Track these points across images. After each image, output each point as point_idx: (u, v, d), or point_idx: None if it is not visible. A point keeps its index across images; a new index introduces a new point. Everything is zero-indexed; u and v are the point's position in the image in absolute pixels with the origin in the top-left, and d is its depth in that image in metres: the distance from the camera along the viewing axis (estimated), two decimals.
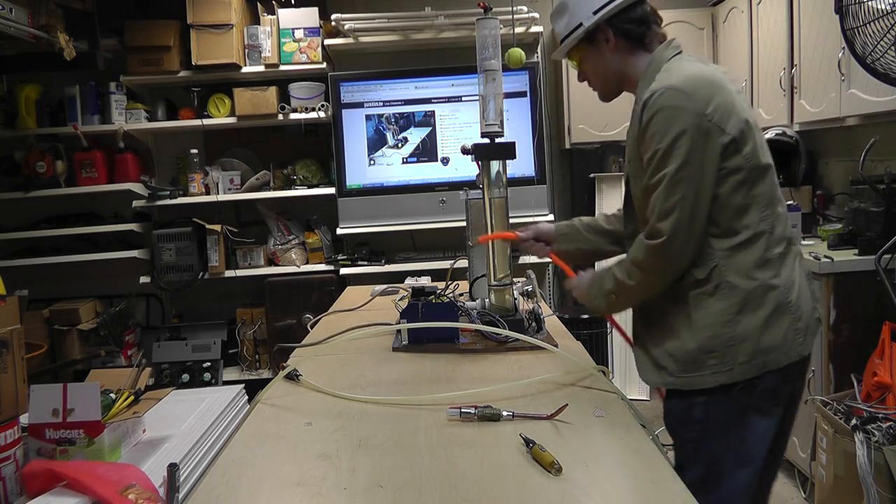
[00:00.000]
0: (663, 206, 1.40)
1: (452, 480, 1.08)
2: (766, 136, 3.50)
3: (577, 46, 1.58)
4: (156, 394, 1.54)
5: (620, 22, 1.52)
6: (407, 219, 3.85)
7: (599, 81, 1.63)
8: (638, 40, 1.54)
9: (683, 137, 1.37)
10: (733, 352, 1.43)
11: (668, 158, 1.39)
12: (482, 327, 1.75)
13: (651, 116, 1.40)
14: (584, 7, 1.54)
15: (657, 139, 1.40)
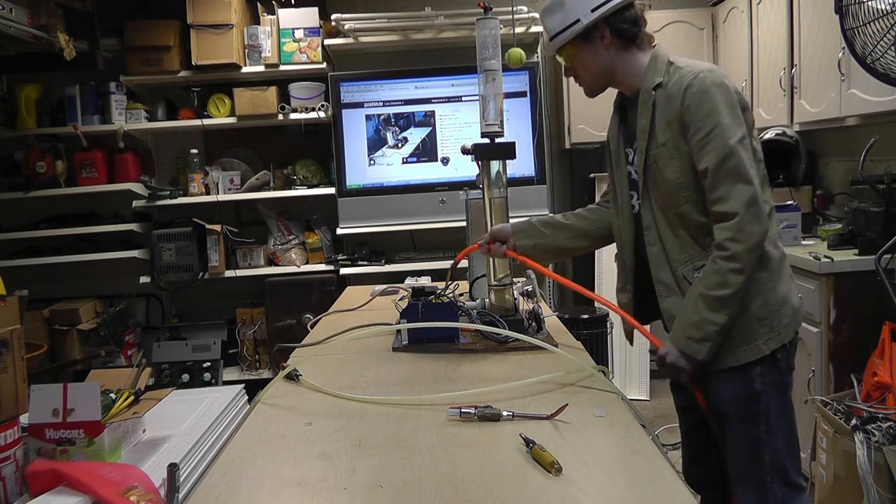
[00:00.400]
0: (739, 174, 1.46)
1: (452, 480, 1.08)
2: (766, 136, 3.52)
3: (571, 42, 1.62)
4: (156, 394, 1.54)
5: (617, 21, 1.58)
6: (407, 219, 3.85)
7: (589, 77, 1.67)
8: (631, 40, 1.60)
9: (737, 110, 1.49)
10: (779, 316, 1.54)
11: (731, 129, 1.47)
12: (482, 327, 1.75)
13: (702, 95, 1.48)
14: (582, 4, 1.58)
15: (714, 115, 1.47)
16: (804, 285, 2.61)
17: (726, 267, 1.46)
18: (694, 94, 1.49)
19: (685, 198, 1.54)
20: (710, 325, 1.49)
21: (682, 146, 1.52)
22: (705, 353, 1.50)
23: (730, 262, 1.46)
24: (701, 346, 1.50)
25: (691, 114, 1.49)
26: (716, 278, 1.48)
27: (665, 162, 1.55)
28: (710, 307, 1.48)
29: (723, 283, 1.47)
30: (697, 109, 1.48)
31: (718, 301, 1.48)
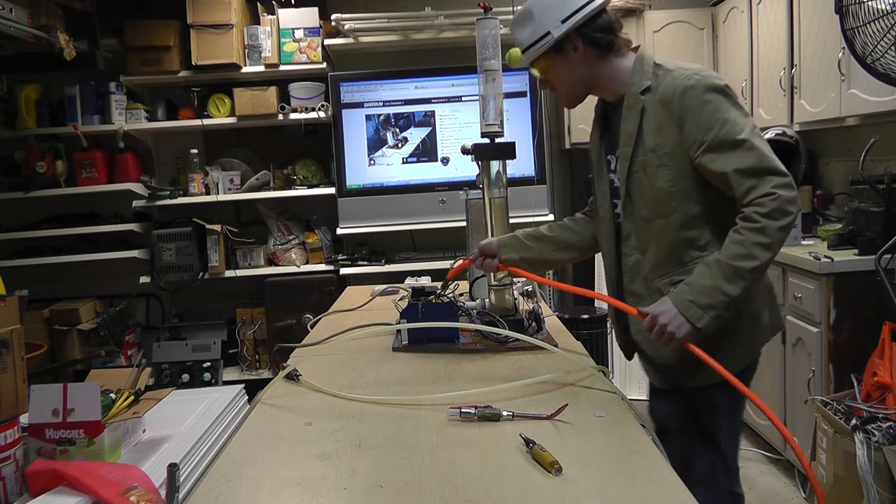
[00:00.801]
0: (762, 163, 1.39)
1: (452, 480, 1.08)
2: (766, 136, 3.52)
3: (544, 55, 1.57)
4: (156, 394, 1.54)
5: (589, 31, 1.53)
6: (407, 219, 3.85)
7: (566, 88, 1.62)
8: (607, 47, 1.55)
9: (739, 103, 1.45)
10: (747, 334, 1.51)
11: (741, 122, 1.41)
12: (482, 327, 1.75)
13: (703, 95, 1.43)
14: (552, 15, 1.52)
15: (720, 112, 1.42)
16: (804, 285, 2.61)
17: (753, 239, 1.36)
18: (694, 96, 1.43)
19: (674, 208, 1.48)
20: (722, 295, 1.38)
21: (676, 153, 1.46)
22: (707, 321, 1.39)
23: (758, 234, 1.36)
24: (706, 313, 1.39)
25: (694, 116, 1.43)
26: (738, 249, 1.38)
27: (655, 170, 1.48)
28: (727, 276, 1.38)
29: (747, 255, 1.37)
30: (701, 111, 1.42)
31: (736, 272, 1.37)
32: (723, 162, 1.40)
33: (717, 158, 1.41)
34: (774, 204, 1.35)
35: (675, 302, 1.42)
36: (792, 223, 1.38)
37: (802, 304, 2.63)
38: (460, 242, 2.51)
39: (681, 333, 1.41)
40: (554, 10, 1.52)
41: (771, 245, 1.36)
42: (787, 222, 1.37)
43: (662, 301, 1.45)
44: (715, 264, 1.40)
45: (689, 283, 1.42)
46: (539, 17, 1.54)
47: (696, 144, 1.44)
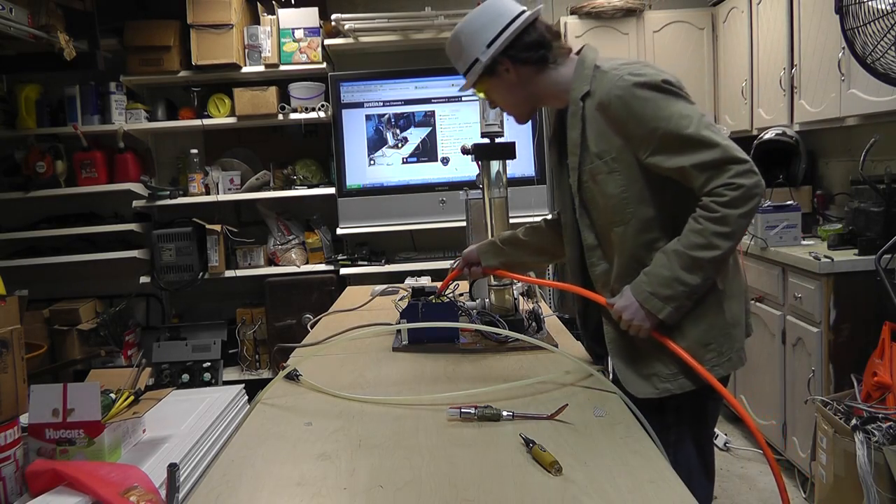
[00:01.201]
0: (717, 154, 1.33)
1: (452, 480, 1.08)
2: (766, 136, 3.50)
3: (480, 79, 1.55)
4: (156, 394, 1.54)
5: (516, 51, 1.49)
6: (407, 219, 3.85)
7: (510, 108, 1.61)
8: (541, 62, 1.50)
9: (678, 93, 1.39)
10: (729, 339, 1.44)
11: (683, 116, 1.36)
12: (482, 327, 1.75)
13: (638, 92, 1.37)
14: (477, 42, 1.51)
15: (659, 111, 1.36)
16: (804, 285, 2.61)
17: (712, 229, 1.33)
18: (629, 97, 1.37)
19: (630, 213, 1.42)
20: (682, 286, 1.35)
21: (625, 156, 1.41)
22: (668, 312, 1.37)
23: (718, 224, 1.32)
24: (666, 304, 1.36)
25: (634, 118, 1.38)
26: (697, 239, 1.34)
27: (604, 177, 1.43)
28: (686, 267, 1.34)
29: (705, 245, 1.33)
30: (641, 111, 1.37)
31: (696, 262, 1.34)
32: (676, 159, 1.36)
33: (669, 157, 1.37)
34: (735, 193, 1.31)
35: (636, 294, 1.40)
36: (756, 208, 1.34)
37: (802, 304, 2.63)
38: (460, 242, 2.51)
39: (643, 325, 1.40)
40: (478, 35, 1.50)
41: (732, 234, 1.33)
42: (749, 208, 1.32)
43: (624, 293, 1.43)
44: (674, 254, 1.36)
45: (648, 272, 1.39)
46: (466, 44, 1.53)
47: (642, 146, 1.39)
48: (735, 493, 2.80)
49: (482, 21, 1.51)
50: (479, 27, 1.51)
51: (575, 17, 3.99)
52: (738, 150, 1.34)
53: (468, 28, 1.53)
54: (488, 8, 1.52)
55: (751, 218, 1.34)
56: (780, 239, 2.87)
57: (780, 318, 2.81)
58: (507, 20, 1.49)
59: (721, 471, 2.94)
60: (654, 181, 1.42)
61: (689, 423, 1.48)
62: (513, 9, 1.51)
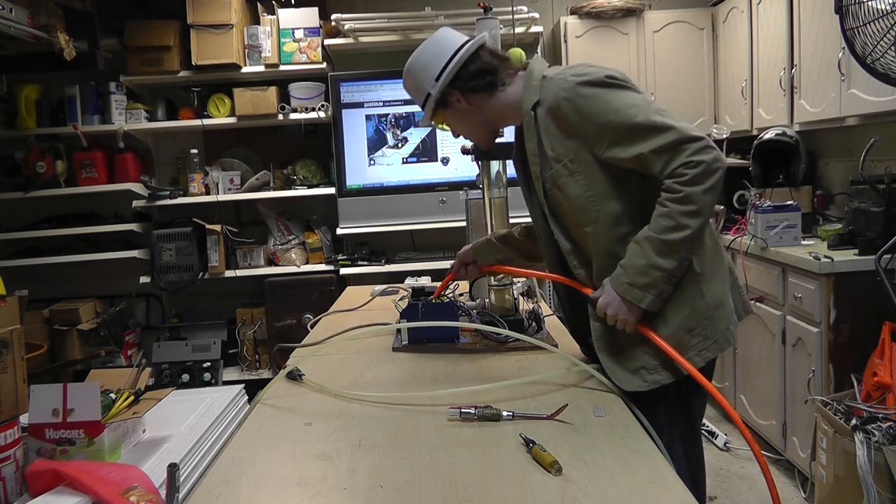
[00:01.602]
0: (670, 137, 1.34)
1: (452, 480, 1.08)
2: (766, 136, 3.50)
3: (436, 112, 1.59)
4: (156, 394, 1.54)
5: (463, 82, 1.53)
6: (407, 219, 3.85)
7: (470, 135, 1.65)
8: (489, 87, 1.54)
9: (623, 85, 1.41)
10: (713, 322, 1.43)
11: (630, 106, 1.38)
12: (482, 327, 1.75)
13: (582, 91, 1.40)
14: (426, 76, 1.56)
15: (606, 105, 1.39)
16: (804, 285, 2.61)
17: (678, 209, 1.33)
18: (574, 98, 1.40)
19: (597, 211, 1.43)
20: (658, 272, 1.35)
21: (582, 156, 1.43)
22: (650, 301, 1.37)
23: (683, 203, 1.33)
24: (645, 293, 1.37)
25: (583, 117, 1.40)
26: (665, 222, 1.34)
27: (566, 180, 1.44)
28: (659, 251, 1.35)
29: (675, 227, 1.33)
30: (587, 110, 1.40)
31: (668, 245, 1.34)
32: (631, 149, 1.37)
33: (625, 148, 1.38)
34: (695, 171, 1.32)
35: (615, 287, 1.40)
36: (719, 183, 1.34)
37: (802, 304, 2.63)
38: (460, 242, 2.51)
39: (628, 318, 1.40)
40: (426, 71, 1.56)
41: (699, 211, 1.33)
42: (712, 183, 1.33)
43: (604, 289, 1.43)
44: (646, 241, 1.37)
45: (624, 264, 1.40)
46: (417, 80, 1.59)
47: (596, 143, 1.41)
48: (735, 493, 2.80)
49: (428, 57, 1.57)
50: (425, 63, 1.57)
51: (575, 17, 4.00)
52: (692, 130, 1.36)
53: (416, 65, 1.60)
54: (432, 43, 1.58)
55: (716, 193, 1.34)
56: (780, 239, 2.87)
57: (780, 318, 2.81)
58: (451, 53, 1.54)
59: (721, 471, 2.94)
60: (616, 175, 1.43)
61: (678, 423, 1.48)
62: (455, 41, 1.56)
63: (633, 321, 1.40)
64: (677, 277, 1.39)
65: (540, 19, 3.92)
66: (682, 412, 1.48)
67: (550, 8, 4.26)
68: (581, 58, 3.97)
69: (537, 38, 4.02)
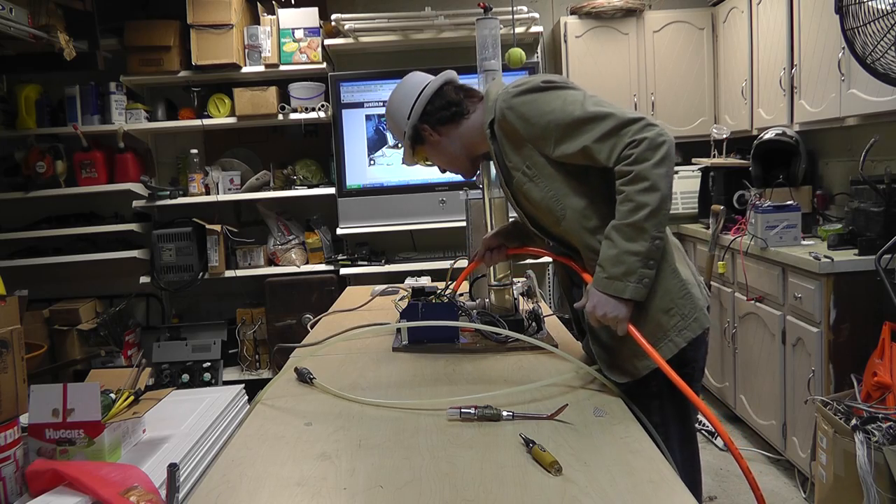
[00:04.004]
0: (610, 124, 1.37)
1: (452, 480, 1.08)
2: (766, 136, 3.50)
3: (415, 149, 1.70)
4: (156, 394, 1.54)
5: (431, 116, 1.64)
6: (407, 219, 3.85)
7: (451, 166, 1.72)
8: (456, 117, 1.64)
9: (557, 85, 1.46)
10: (689, 299, 1.44)
11: (567, 103, 1.42)
12: (482, 327, 1.75)
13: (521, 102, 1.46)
14: (399, 117, 1.68)
15: (544, 107, 1.44)
16: (804, 285, 2.61)
17: (632, 189, 1.34)
18: (514, 107, 1.47)
19: (562, 208, 1.47)
20: (632, 256, 1.35)
21: (536, 160, 1.48)
22: (632, 289, 1.36)
23: (636, 182, 1.34)
24: (625, 282, 1.36)
25: (526, 124, 1.46)
26: (625, 206, 1.35)
27: (528, 186, 1.50)
28: (626, 236, 1.35)
29: (634, 208, 1.34)
30: (529, 116, 1.45)
31: (633, 227, 1.34)
32: (576, 142, 1.41)
33: (570, 143, 1.42)
34: (639, 149, 1.33)
35: (597, 286, 1.40)
36: (668, 155, 1.34)
37: (802, 304, 2.63)
38: (460, 242, 2.52)
39: (618, 313, 1.38)
40: (399, 113, 1.68)
41: (654, 186, 1.33)
42: (660, 156, 1.33)
43: (588, 293, 1.43)
44: (612, 231, 1.38)
45: (599, 261, 1.40)
46: (394, 121, 1.71)
47: (544, 145, 1.46)
48: (735, 493, 2.80)
49: (399, 99, 1.69)
50: (397, 106, 1.69)
51: (575, 17, 4.00)
52: (630, 113, 1.39)
53: (391, 109, 1.72)
54: (402, 87, 1.70)
55: (667, 166, 1.34)
56: (780, 239, 2.87)
57: (780, 318, 2.81)
58: (417, 93, 1.66)
59: (721, 471, 2.94)
60: (573, 172, 1.47)
61: (673, 422, 1.48)
62: (420, 82, 1.68)
63: (624, 317, 1.38)
64: (655, 259, 1.38)
65: (540, 19, 3.92)
66: (676, 411, 1.49)
67: (550, 8, 4.27)
68: (581, 58, 3.97)
69: (537, 38, 4.03)
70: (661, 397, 1.45)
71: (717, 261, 3.31)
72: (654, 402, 1.45)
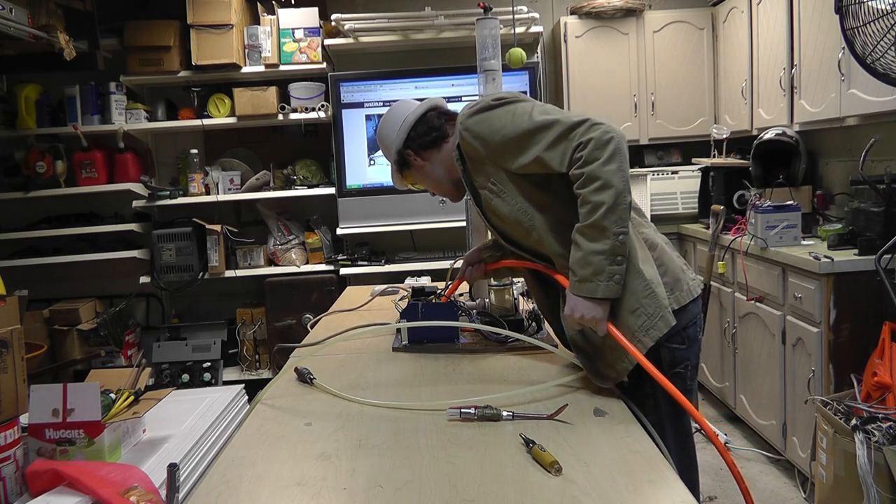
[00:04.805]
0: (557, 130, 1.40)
1: (452, 480, 1.08)
2: (766, 136, 3.50)
3: (404, 173, 1.78)
4: (156, 394, 1.54)
5: (413, 141, 1.70)
6: (407, 219, 3.85)
7: (437, 189, 1.78)
8: (438, 141, 1.70)
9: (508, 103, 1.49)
10: (653, 299, 1.43)
11: (517, 116, 1.45)
12: (482, 327, 1.75)
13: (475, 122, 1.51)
14: (388, 142, 1.75)
15: (496, 123, 1.48)
16: (804, 285, 2.61)
17: (587, 190, 1.35)
18: (470, 127, 1.51)
19: (529, 220, 1.50)
20: (597, 256, 1.35)
21: (499, 176, 1.51)
22: (603, 287, 1.36)
23: (588, 184, 1.35)
24: (595, 281, 1.36)
25: (483, 142, 1.49)
26: (583, 208, 1.37)
27: (496, 203, 1.53)
28: (589, 237, 1.36)
29: (592, 208, 1.35)
30: (484, 134, 1.49)
31: (594, 227, 1.35)
32: (529, 153, 1.44)
33: (525, 154, 1.45)
34: (586, 150, 1.35)
35: (571, 290, 1.41)
36: (618, 151, 1.35)
37: (802, 304, 2.63)
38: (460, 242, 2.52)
39: (594, 314, 1.38)
40: (387, 139, 1.75)
41: (607, 183, 1.33)
42: (608, 154, 1.34)
43: (566, 300, 1.43)
44: (576, 234, 1.39)
45: (570, 265, 1.41)
46: (383, 146, 1.80)
47: (502, 159, 1.49)
48: (735, 493, 2.79)
49: (387, 125, 1.76)
50: (386, 132, 1.76)
51: (575, 17, 4.00)
52: (575, 116, 1.41)
53: (380, 134, 1.79)
54: (390, 114, 1.77)
55: (617, 161, 1.35)
56: (780, 239, 2.87)
57: (780, 318, 2.81)
58: (402, 119, 1.72)
59: (721, 471, 2.94)
60: (537, 182, 1.49)
61: (668, 421, 1.48)
62: (406, 108, 1.74)
63: (601, 318, 1.38)
64: (622, 255, 1.37)
65: (540, 19, 3.92)
66: (671, 409, 1.48)
67: (550, 8, 4.27)
68: (581, 58, 3.97)
69: (537, 38, 4.03)
70: (656, 397, 1.46)
71: (717, 261, 3.31)
72: (649, 401, 1.46)
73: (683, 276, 1.53)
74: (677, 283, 1.50)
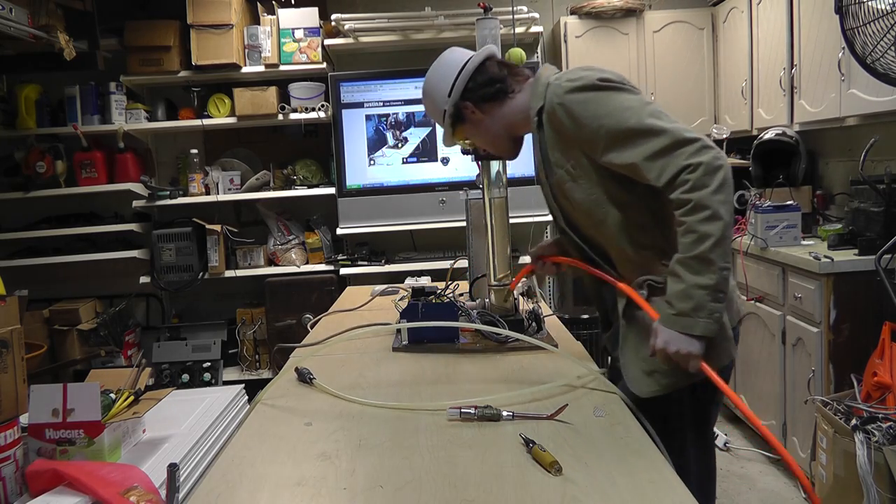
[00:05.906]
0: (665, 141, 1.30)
1: (452, 480, 1.08)
2: (766, 136, 3.50)
3: (456, 128, 1.63)
4: (156, 394, 1.54)
5: (473, 93, 1.56)
6: (407, 219, 3.85)
7: (490, 146, 1.66)
8: (500, 95, 1.56)
9: (617, 88, 1.38)
10: (725, 329, 1.39)
11: (626, 108, 1.35)
12: (482, 327, 1.75)
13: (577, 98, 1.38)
14: (439, 95, 1.59)
15: (601, 109, 1.36)
16: (804, 285, 2.61)
17: (694, 219, 1.27)
18: (569, 103, 1.39)
19: (603, 213, 1.42)
20: (699, 290, 1.27)
21: (582, 161, 1.42)
22: (703, 325, 1.28)
23: (697, 212, 1.26)
24: (695, 318, 1.28)
25: (578, 122, 1.38)
26: (689, 237, 1.28)
27: (570, 185, 1.45)
28: (694, 270, 1.27)
29: (698, 239, 1.26)
30: (583, 114, 1.37)
31: (699, 260, 1.27)
32: (626, 155, 1.34)
33: (620, 153, 1.35)
34: (696, 174, 1.26)
35: (665, 323, 1.32)
36: (727, 180, 1.27)
37: (802, 304, 2.63)
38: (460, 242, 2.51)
39: (692, 349, 1.30)
40: (438, 90, 1.59)
41: (716, 214, 1.26)
42: (718, 182, 1.26)
43: (657, 330, 1.35)
44: (678, 265, 1.31)
45: (667, 297, 1.33)
46: (432, 100, 1.62)
47: (593, 148, 1.39)
48: (735, 493, 2.80)
49: (438, 76, 1.60)
50: (436, 83, 1.60)
51: (575, 17, 4.00)
52: (686, 132, 1.31)
53: (428, 87, 1.63)
54: (441, 64, 1.62)
55: (726, 191, 1.28)
56: (780, 239, 2.87)
57: (780, 318, 2.81)
58: (458, 69, 1.57)
59: (721, 471, 2.94)
60: (620, 179, 1.41)
61: (691, 428, 1.47)
62: (461, 58, 1.59)
63: (697, 354, 1.30)
64: (724, 292, 1.30)
65: (540, 19, 3.92)
66: (695, 418, 1.47)
67: (550, 8, 4.27)
68: (581, 58, 3.97)
69: (537, 38, 4.03)
70: (682, 403, 1.43)
71: None
72: (674, 407, 1.43)
73: (737, 299, 1.49)
74: (730, 305, 1.44)
